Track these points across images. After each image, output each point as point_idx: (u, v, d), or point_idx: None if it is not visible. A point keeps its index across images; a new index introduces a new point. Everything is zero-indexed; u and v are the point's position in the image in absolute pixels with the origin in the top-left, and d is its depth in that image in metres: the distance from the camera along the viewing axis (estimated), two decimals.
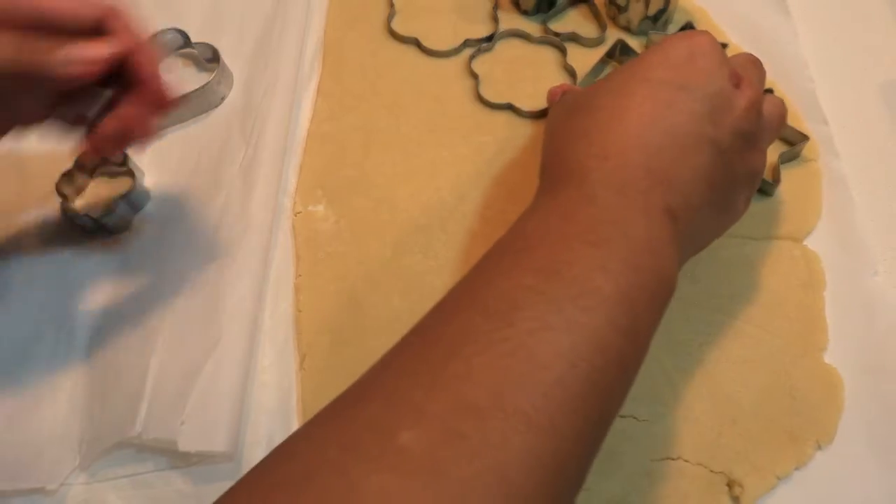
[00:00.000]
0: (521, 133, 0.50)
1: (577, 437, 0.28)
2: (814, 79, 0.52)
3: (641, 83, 0.35)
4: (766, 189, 0.46)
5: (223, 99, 0.52)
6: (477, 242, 0.46)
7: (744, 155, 0.36)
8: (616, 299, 0.30)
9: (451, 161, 0.49)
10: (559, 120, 0.38)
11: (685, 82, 0.35)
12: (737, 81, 0.37)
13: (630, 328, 0.30)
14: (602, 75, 0.52)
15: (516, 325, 0.28)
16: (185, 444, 0.38)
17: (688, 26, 0.53)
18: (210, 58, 0.53)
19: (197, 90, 0.50)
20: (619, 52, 0.52)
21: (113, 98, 0.38)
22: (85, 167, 0.49)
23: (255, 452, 0.40)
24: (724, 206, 0.37)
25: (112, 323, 0.44)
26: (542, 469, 0.26)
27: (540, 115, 0.50)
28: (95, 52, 0.35)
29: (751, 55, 0.41)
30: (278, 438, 0.41)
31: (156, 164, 0.50)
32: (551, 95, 0.46)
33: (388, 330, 0.43)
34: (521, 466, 0.26)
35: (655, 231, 0.32)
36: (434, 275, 0.45)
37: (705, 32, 0.37)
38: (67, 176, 0.48)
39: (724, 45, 0.51)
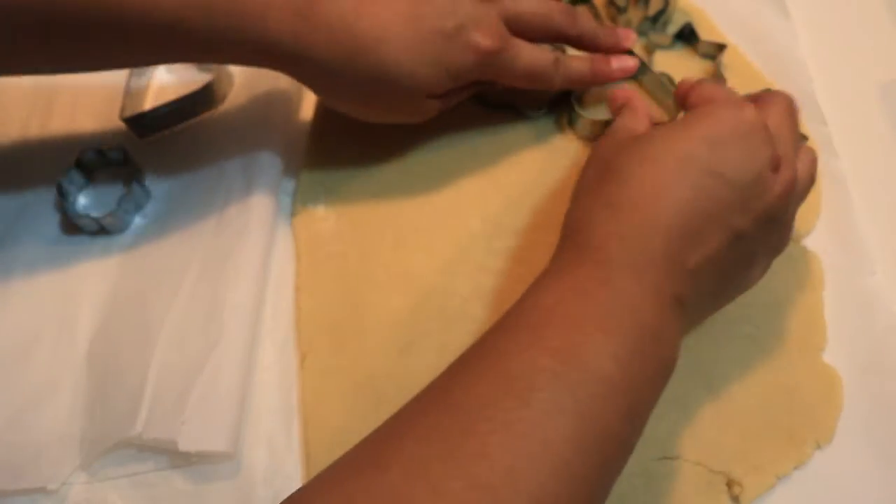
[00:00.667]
0: (521, 134, 0.50)
1: None
2: (813, 79, 0.52)
3: (681, 162, 0.34)
4: None
5: (223, 99, 0.52)
6: (477, 242, 0.46)
7: (768, 237, 0.37)
8: (623, 388, 0.30)
9: (450, 161, 0.49)
10: (593, 178, 0.37)
11: (722, 168, 0.34)
12: (776, 164, 0.35)
13: (632, 413, 0.31)
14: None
15: (532, 406, 0.29)
16: (186, 444, 0.38)
17: (687, 27, 0.53)
18: None
19: (197, 90, 0.50)
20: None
21: None
22: (86, 167, 0.49)
23: (256, 452, 0.41)
24: (737, 284, 0.37)
25: (112, 323, 0.44)
26: None
27: (541, 115, 0.50)
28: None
29: (784, 102, 0.38)
30: (278, 438, 0.41)
31: (156, 164, 0.50)
32: (613, 100, 0.45)
33: (388, 330, 0.43)
34: None
35: (664, 319, 0.33)
36: (434, 274, 0.45)
37: (751, 106, 0.35)
38: (68, 175, 0.48)
39: (723, 47, 0.51)
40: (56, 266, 0.46)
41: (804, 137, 0.47)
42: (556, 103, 0.50)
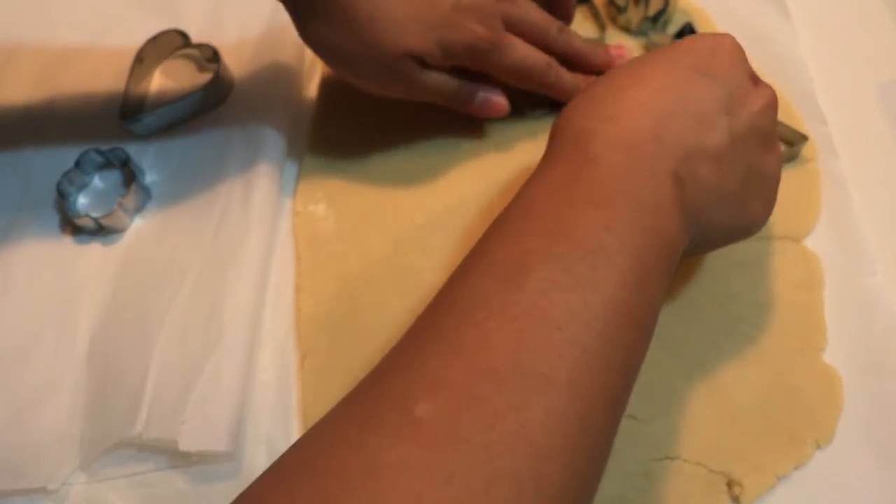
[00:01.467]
0: (522, 132, 0.50)
1: (599, 393, 0.28)
2: (813, 79, 0.52)
3: (664, 61, 0.35)
4: None
5: (224, 99, 0.52)
6: (475, 238, 0.46)
7: (759, 153, 0.36)
8: (623, 257, 0.30)
9: (450, 161, 0.49)
10: (578, 96, 0.38)
11: (706, 70, 0.35)
12: (755, 81, 0.37)
13: (640, 285, 0.30)
14: None
15: (526, 287, 0.28)
16: (186, 444, 0.38)
17: (687, 27, 0.53)
18: (210, 58, 0.53)
19: (196, 91, 0.50)
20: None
21: None
22: (86, 167, 0.49)
23: (256, 452, 0.41)
24: (737, 200, 0.36)
25: (112, 323, 0.44)
26: (566, 427, 0.26)
27: (541, 114, 0.50)
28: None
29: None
30: (278, 438, 0.41)
31: (156, 163, 0.50)
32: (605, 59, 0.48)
33: (387, 330, 0.43)
34: (543, 427, 0.26)
35: (660, 194, 0.32)
36: (434, 274, 0.45)
37: (729, 35, 0.37)
38: (68, 176, 0.48)
39: None
40: (56, 266, 0.46)
41: (804, 138, 0.47)
42: (557, 104, 0.50)
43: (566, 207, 0.31)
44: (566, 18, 0.50)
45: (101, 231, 0.47)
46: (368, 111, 0.52)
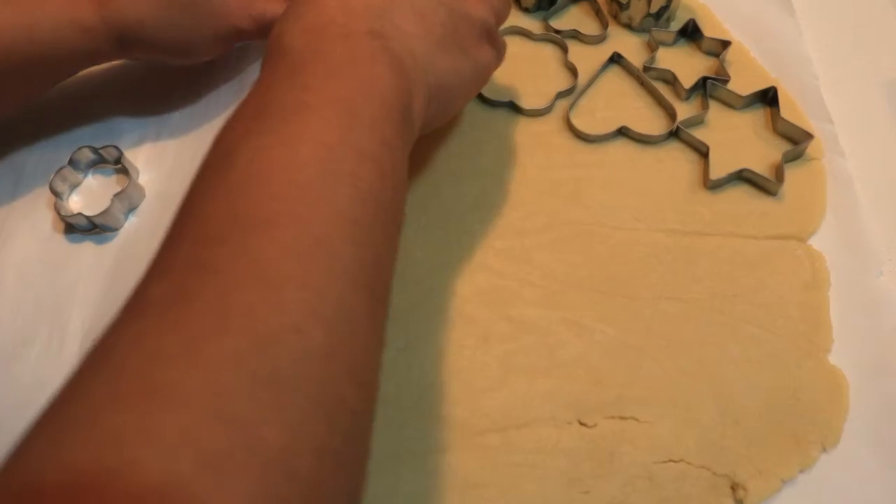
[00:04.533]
0: (522, 131, 0.49)
1: (333, 220, 0.28)
2: (818, 77, 0.51)
3: None
4: (770, 188, 0.46)
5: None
6: (477, 242, 0.45)
7: (461, 2, 0.38)
8: (324, 105, 0.31)
9: (449, 158, 0.49)
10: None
11: None
12: None
13: (353, 125, 0.30)
14: (605, 72, 0.51)
15: (237, 163, 0.29)
16: None
17: (690, 24, 0.52)
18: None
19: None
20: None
21: None
22: (79, 165, 0.48)
23: None
24: (456, 46, 0.37)
25: (105, 323, 0.43)
26: (300, 252, 0.26)
27: (541, 112, 0.50)
28: None
29: None
30: None
31: (151, 162, 0.50)
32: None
33: (387, 330, 0.42)
34: (275, 261, 0.26)
35: (357, 50, 0.33)
36: (434, 274, 0.44)
37: None
38: (61, 174, 0.47)
39: (727, 43, 0.51)
40: (48, 265, 0.46)
41: (809, 136, 0.47)
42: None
43: (266, 94, 0.32)
44: None
45: (95, 230, 0.47)
46: None
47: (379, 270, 0.29)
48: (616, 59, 0.52)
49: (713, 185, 0.46)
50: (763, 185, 0.46)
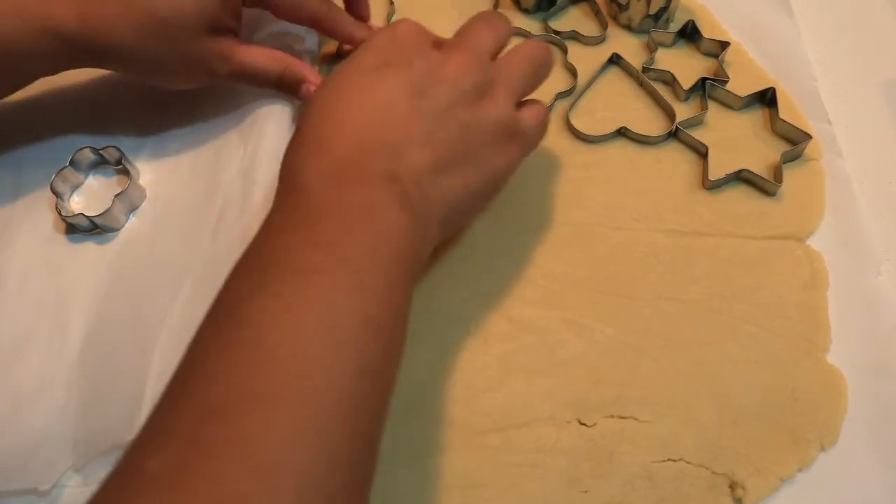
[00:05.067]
0: None
1: (331, 395, 0.28)
2: (817, 77, 0.51)
3: (350, 75, 0.37)
4: (769, 188, 0.46)
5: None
6: (478, 242, 0.46)
7: (469, 109, 0.37)
8: (336, 266, 0.31)
9: None
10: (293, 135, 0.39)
11: (389, 62, 0.37)
12: (440, 47, 0.39)
13: (363, 289, 0.31)
14: (604, 73, 0.52)
15: (242, 320, 0.29)
16: None
17: (689, 25, 0.52)
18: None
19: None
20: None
21: None
22: (80, 166, 0.48)
23: None
24: (465, 160, 0.37)
25: (106, 323, 0.43)
26: (293, 436, 0.27)
27: None
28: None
29: (485, 15, 0.42)
30: None
31: (152, 163, 0.50)
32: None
33: None
34: (265, 443, 0.26)
35: (373, 197, 0.33)
36: (435, 274, 0.45)
37: (405, 19, 0.40)
38: (62, 174, 0.47)
39: (726, 44, 0.51)
40: (49, 265, 0.46)
41: (808, 136, 0.47)
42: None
43: (279, 242, 0.33)
44: (363, 18, 0.50)
45: (96, 230, 0.47)
46: None
47: (370, 446, 0.30)
48: (615, 60, 0.52)
49: (712, 186, 0.46)
50: (762, 185, 0.46)
